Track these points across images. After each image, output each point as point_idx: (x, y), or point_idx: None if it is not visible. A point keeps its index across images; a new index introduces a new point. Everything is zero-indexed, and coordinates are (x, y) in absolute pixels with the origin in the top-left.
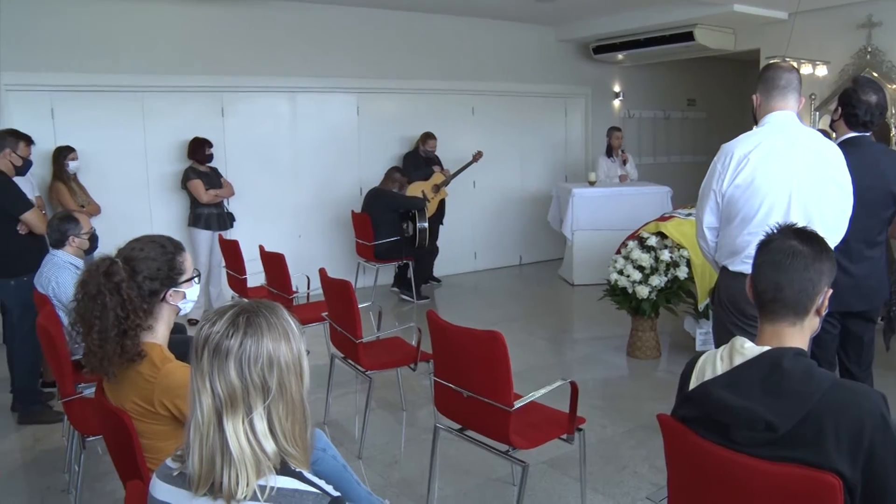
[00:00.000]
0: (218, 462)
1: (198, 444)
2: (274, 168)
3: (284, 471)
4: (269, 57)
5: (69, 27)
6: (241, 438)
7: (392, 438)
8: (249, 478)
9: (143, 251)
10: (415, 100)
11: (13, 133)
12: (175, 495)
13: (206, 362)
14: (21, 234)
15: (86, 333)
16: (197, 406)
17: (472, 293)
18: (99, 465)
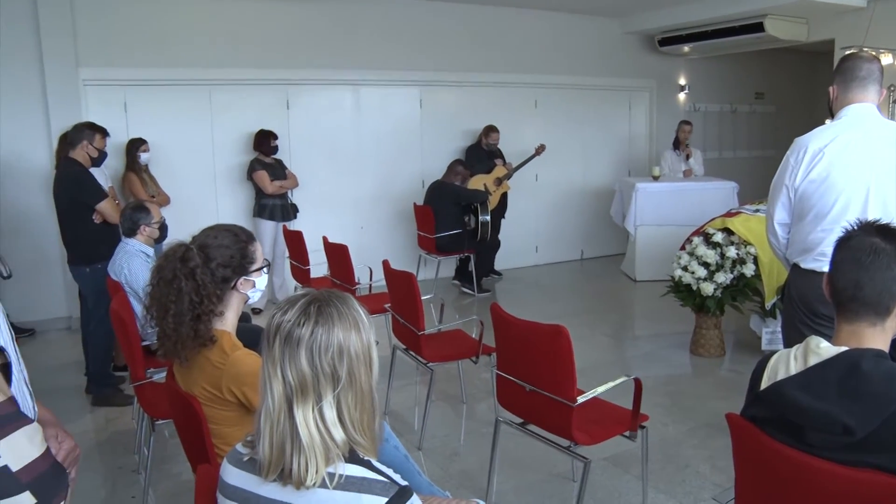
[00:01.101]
0: (288, 449)
1: (268, 430)
2: (337, 160)
3: (353, 459)
4: (333, 50)
5: (142, 23)
6: (310, 426)
7: (452, 431)
8: (318, 465)
9: (216, 239)
10: (477, 93)
11: (90, 126)
12: (245, 480)
13: (278, 350)
14: (96, 223)
15: (161, 317)
16: (268, 393)
17: (533, 287)
18: (166, 447)
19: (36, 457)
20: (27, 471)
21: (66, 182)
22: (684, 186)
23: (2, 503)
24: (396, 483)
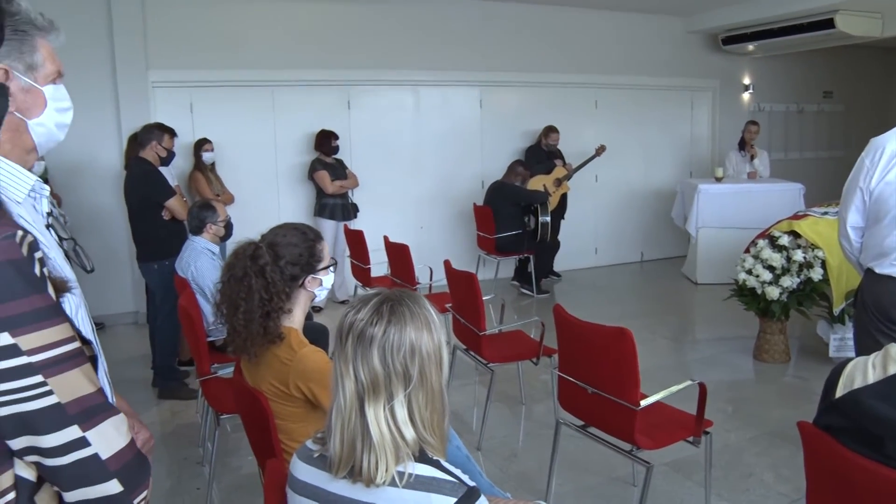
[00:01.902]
0: (358, 446)
1: (339, 427)
2: (397, 160)
3: (422, 458)
4: (394, 51)
5: (208, 26)
6: (381, 424)
7: (510, 432)
8: (388, 463)
9: (285, 237)
10: (538, 93)
11: (159, 126)
12: (315, 476)
13: (350, 348)
14: (164, 220)
15: (231, 314)
16: (340, 391)
17: (592, 289)
18: (228, 441)
19: (123, 446)
20: (115, 459)
21: (136, 180)
22: (748, 188)
23: (91, 489)
24: (465, 484)
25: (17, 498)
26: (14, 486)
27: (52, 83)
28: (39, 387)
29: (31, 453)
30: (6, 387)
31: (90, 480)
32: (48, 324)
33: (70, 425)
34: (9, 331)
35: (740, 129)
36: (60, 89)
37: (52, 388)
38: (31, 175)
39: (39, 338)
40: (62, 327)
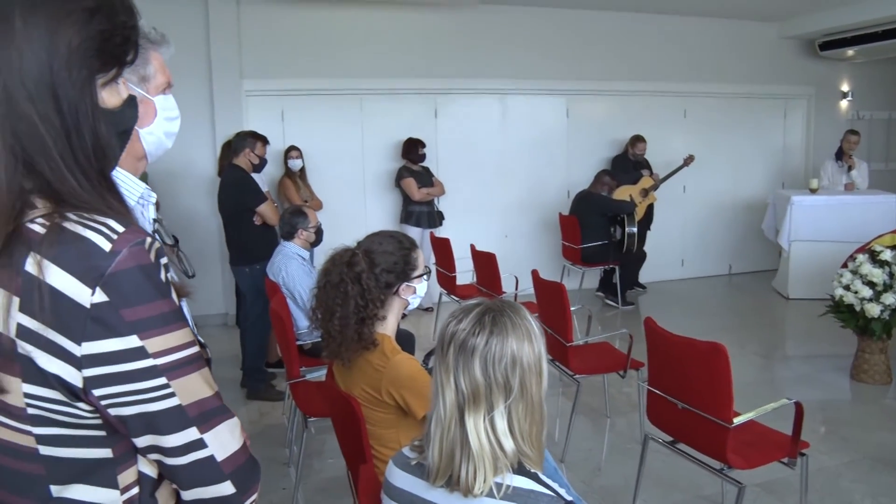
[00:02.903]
0: (457, 456)
1: (438, 436)
2: (483, 169)
3: (521, 470)
4: (481, 60)
5: (299, 37)
6: (481, 435)
7: (595, 445)
8: (487, 474)
9: (381, 245)
10: (625, 102)
11: (252, 134)
12: (412, 483)
13: (452, 358)
14: (256, 225)
15: (327, 319)
16: (440, 400)
17: (679, 301)
18: (312, 443)
19: (237, 449)
20: (229, 462)
21: (230, 187)
22: (846, 200)
23: (207, 489)
24: (563, 498)
25: (140, 493)
26: (138, 482)
27: (162, 93)
28: (163, 388)
29: (154, 452)
30: (133, 387)
31: (206, 481)
32: (172, 328)
33: (189, 427)
34: (137, 334)
35: (837, 138)
36: (169, 99)
37: (175, 391)
38: (140, 182)
39: (164, 341)
40: (184, 331)
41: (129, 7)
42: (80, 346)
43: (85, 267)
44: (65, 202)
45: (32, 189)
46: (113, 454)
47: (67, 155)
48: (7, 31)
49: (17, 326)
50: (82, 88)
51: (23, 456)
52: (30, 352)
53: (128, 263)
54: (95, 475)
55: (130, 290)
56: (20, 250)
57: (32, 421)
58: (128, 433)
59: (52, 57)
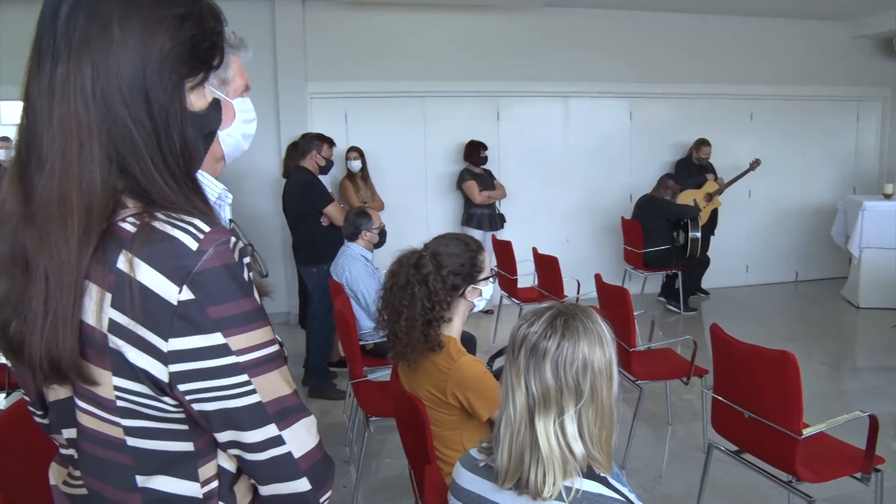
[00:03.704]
0: (526, 459)
1: (508, 439)
2: (544, 172)
3: (590, 475)
4: (543, 62)
5: (363, 39)
6: (550, 438)
7: (656, 452)
8: (556, 477)
9: (448, 247)
10: (689, 105)
11: (319, 136)
12: (479, 485)
13: (523, 361)
14: (323, 226)
15: (393, 320)
16: (510, 402)
17: (742, 308)
18: (372, 443)
19: (313, 446)
20: (306, 459)
21: (297, 188)
22: None
23: (283, 485)
24: (632, 502)
25: (219, 486)
26: (217, 476)
27: (240, 96)
28: (244, 385)
29: (234, 447)
30: (216, 383)
31: (283, 477)
32: (255, 326)
33: (269, 424)
34: (221, 331)
35: None
36: (247, 102)
37: (256, 388)
38: (219, 183)
39: (247, 339)
40: (266, 330)
41: (217, 13)
42: (167, 342)
43: (173, 265)
44: (153, 202)
45: (123, 189)
46: (194, 448)
47: (157, 157)
48: (106, 39)
49: (109, 321)
50: (172, 92)
51: (112, 446)
52: (120, 346)
53: (213, 262)
54: (178, 467)
55: (215, 289)
56: (113, 248)
57: (121, 413)
58: (210, 428)
59: (145, 62)
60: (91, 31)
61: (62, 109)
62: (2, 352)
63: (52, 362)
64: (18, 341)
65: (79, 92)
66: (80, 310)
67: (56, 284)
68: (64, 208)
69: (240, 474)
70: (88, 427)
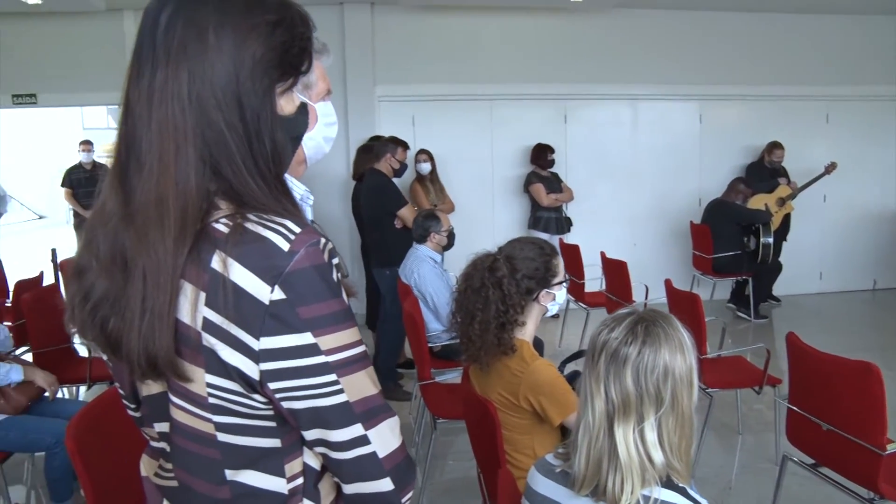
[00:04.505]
0: (604, 466)
1: (586, 445)
2: (612, 175)
3: (669, 484)
4: (612, 65)
5: (430, 43)
6: (630, 445)
7: (725, 462)
8: (634, 485)
9: (522, 251)
10: (762, 107)
11: (394, 140)
12: (555, 491)
13: (603, 367)
14: (397, 229)
15: (467, 323)
16: (588, 408)
17: (816, 316)
18: (437, 444)
19: (396, 447)
20: (389, 459)
21: (372, 191)
22: None
23: (367, 484)
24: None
25: (305, 483)
26: (303, 472)
27: (322, 100)
28: (333, 385)
29: (320, 445)
30: (305, 382)
31: (367, 476)
32: (343, 326)
33: (355, 423)
34: (312, 331)
35: None
36: (328, 106)
37: (343, 387)
38: (301, 185)
39: (336, 339)
40: (353, 330)
41: (306, 19)
42: (259, 340)
43: (265, 265)
44: (245, 204)
45: (216, 191)
46: (282, 444)
47: (249, 160)
48: (202, 45)
49: (203, 320)
50: (264, 97)
51: (203, 441)
52: (213, 344)
53: (304, 263)
54: (265, 463)
55: (306, 289)
56: (207, 248)
57: (213, 409)
58: (298, 426)
59: (238, 68)
60: (188, 38)
61: (160, 114)
62: (100, 348)
63: (149, 359)
64: (116, 338)
65: (176, 97)
66: (175, 308)
67: (153, 283)
68: (161, 209)
69: (324, 472)
70: (181, 422)
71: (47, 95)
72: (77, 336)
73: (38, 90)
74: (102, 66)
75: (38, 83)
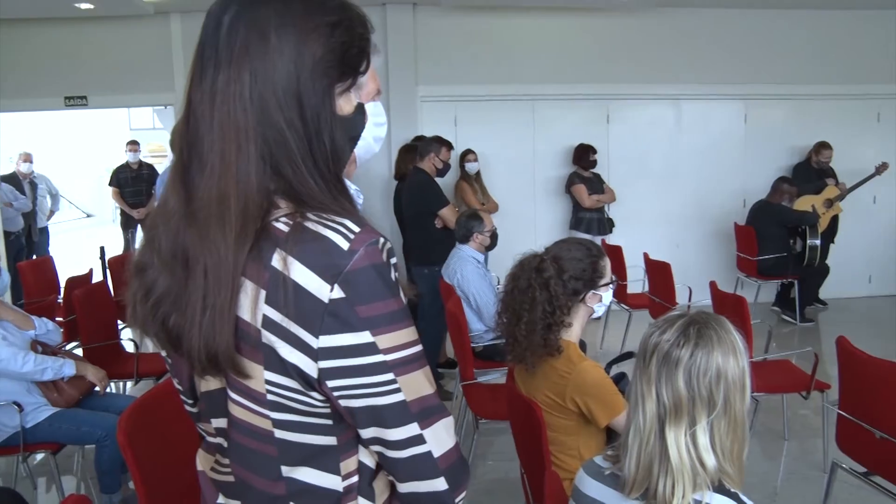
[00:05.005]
0: (655, 469)
1: (636, 448)
2: (654, 176)
3: (721, 489)
4: (654, 64)
5: (472, 43)
6: (681, 449)
7: (771, 468)
8: (686, 490)
9: (570, 251)
10: (809, 106)
11: (438, 140)
12: (604, 493)
13: (654, 369)
14: (437, 228)
15: (513, 324)
16: (639, 411)
17: (864, 321)
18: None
19: (451, 447)
20: (444, 458)
21: (414, 189)
22: None
23: (421, 483)
24: None
25: (360, 481)
26: (357, 471)
27: (372, 100)
28: (390, 384)
29: (376, 444)
30: (363, 381)
31: (422, 475)
32: (401, 325)
33: (412, 422)
34: (370, 330)
35: None
36: (378, 106)
37: (400, 387)
38: (351, 184)
39: (394, 338)
40: (411, 330)
41: (364, 20)
42: (318, 338)
43: (325, 264)
44: (304, 203)
45: (276, 190)
46: (337, 442)
47: (308, 159)
48: (264, 46)
49: (263, 317)
50: (323, 97)
51: (260, 437)
52: (273, 342)
53: (364, 262)
54: (321, 460)
55: (365, 288)
56: (267, 246)
57: (271, 406)
58: (354, 424)
59: (299, 68)
60: (250, 39)
61: (222, 114)
62: (161, 343)
63: (210, 355)
64: (178, 334)
65: (238, 97)
66: (236, 305)
67: (215, 280)
68: (223, 207)
69: (379, 470)
70: (239, 418)
71: (97, 97)
72: (138, 332)
73: (89, 92)
74: (150, 67)
75: (88, 85)
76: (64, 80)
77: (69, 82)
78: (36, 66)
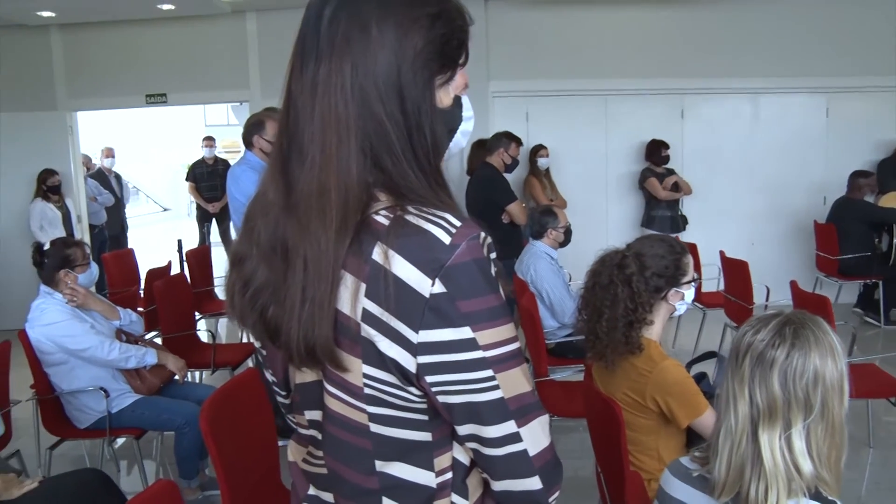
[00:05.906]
0: (747, 472)
1: (727, 450)
2: (729, 172)
3: (818, 496)
4: (732, 58)
5: (544, 38)
6: (775, 453)
7: (855, 477)
8: (780, 495)
9: (652, 248)
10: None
11: (507, 135)
12: (692, 496)
13: (748, 369)
14: (504, 223)
15: (594, 320)
16: (731, 412)
17: None
18: None
19: (546, 446)
20: (539, 457)
21: (482, 183)
22: None
23: (516, 482)
24: None
25: (453, 478)
26: (451, 467)
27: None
28: (489, 381)
29: (472, 440)
30: (462, 377)
31: (517, 474)
32: (501, 322)
33: (509, 420)
34: (470, 325)
35: None
36: (466, 100)
37: (499, 384)
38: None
39: (493, 334)
40: (510, 326)
41: (463, 12)
42: (418, 333)
43: (427, 258)
44: (403, 196)
45: (375, 183)
46: (432, 438)
47: (408, 152)
48: (365, 39)
49: (363, 311)
50: (424, 89)
51: (355, 430)
52: (372, 336)
53: (465, 257)
54: (415, 456)
55: (466, 283)
56: (368, 240)
57: (367, 400)
58: (451, 420)
59: (400, 60)
60: (351, 31)
61: (323, 106)
62: (259, 334)
63: (308, 347)
64: (276, 325)
65: (339, 89)
66: (336, 298)
67: (314, 273)
68: (323, 200)
69: (472, 467)
70: (335, 411)
71: (176, 94)
72: (236, 323)
73: (168, 90)
74: (226, 65)
75: (168, 83)
76: (145, 78)
77: (150, 80)
78: (119, 65)
